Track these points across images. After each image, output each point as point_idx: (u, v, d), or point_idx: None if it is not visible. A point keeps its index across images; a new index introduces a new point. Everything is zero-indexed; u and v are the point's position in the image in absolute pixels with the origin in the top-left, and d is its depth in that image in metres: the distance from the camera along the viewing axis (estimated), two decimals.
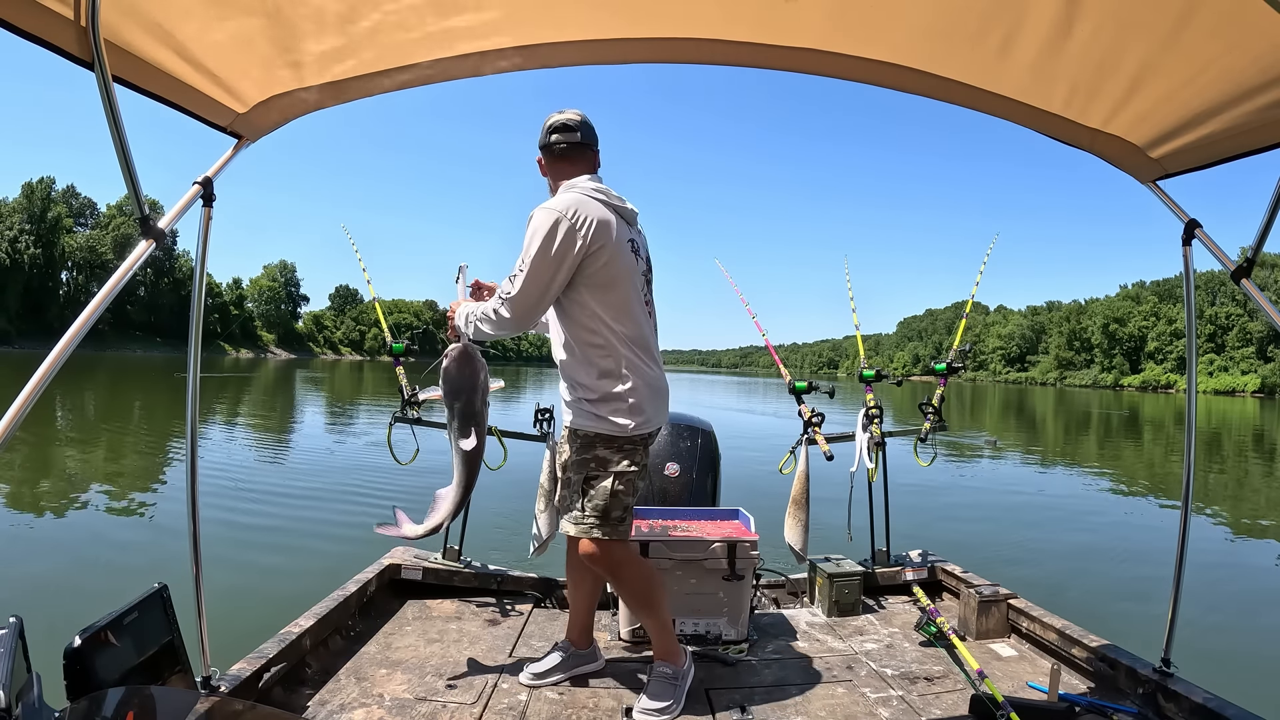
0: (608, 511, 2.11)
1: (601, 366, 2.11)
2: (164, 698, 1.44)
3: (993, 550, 6.41)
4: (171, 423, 13.88)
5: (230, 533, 5.71)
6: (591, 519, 2.11)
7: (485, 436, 2.20)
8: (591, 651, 2.44)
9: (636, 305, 2.15)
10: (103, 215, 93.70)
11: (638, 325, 2.15)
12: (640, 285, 2.18)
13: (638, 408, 2.12)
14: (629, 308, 2.12)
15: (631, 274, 2.14)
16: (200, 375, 1.98)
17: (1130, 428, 25.77)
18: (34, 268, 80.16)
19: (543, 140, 2.24)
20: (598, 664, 2.44)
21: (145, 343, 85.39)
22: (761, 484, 5.58)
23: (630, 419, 2.11)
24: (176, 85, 1.70)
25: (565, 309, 2.13)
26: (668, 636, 2.26)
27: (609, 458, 2.13)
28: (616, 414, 2.11)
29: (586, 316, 2.10)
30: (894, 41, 1.77)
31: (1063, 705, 2.09)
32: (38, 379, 1.30)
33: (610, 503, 2.11)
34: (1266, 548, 7.40)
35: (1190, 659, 2.26)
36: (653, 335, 2.23)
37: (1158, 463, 15.03)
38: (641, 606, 2.29)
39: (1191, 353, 2.26)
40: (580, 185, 2.12)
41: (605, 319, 2.09)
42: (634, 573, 2.24)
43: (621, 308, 2.10)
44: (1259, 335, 78.77)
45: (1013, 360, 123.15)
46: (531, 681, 2.30)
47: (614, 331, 2.10)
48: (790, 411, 3.57)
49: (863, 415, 3.34)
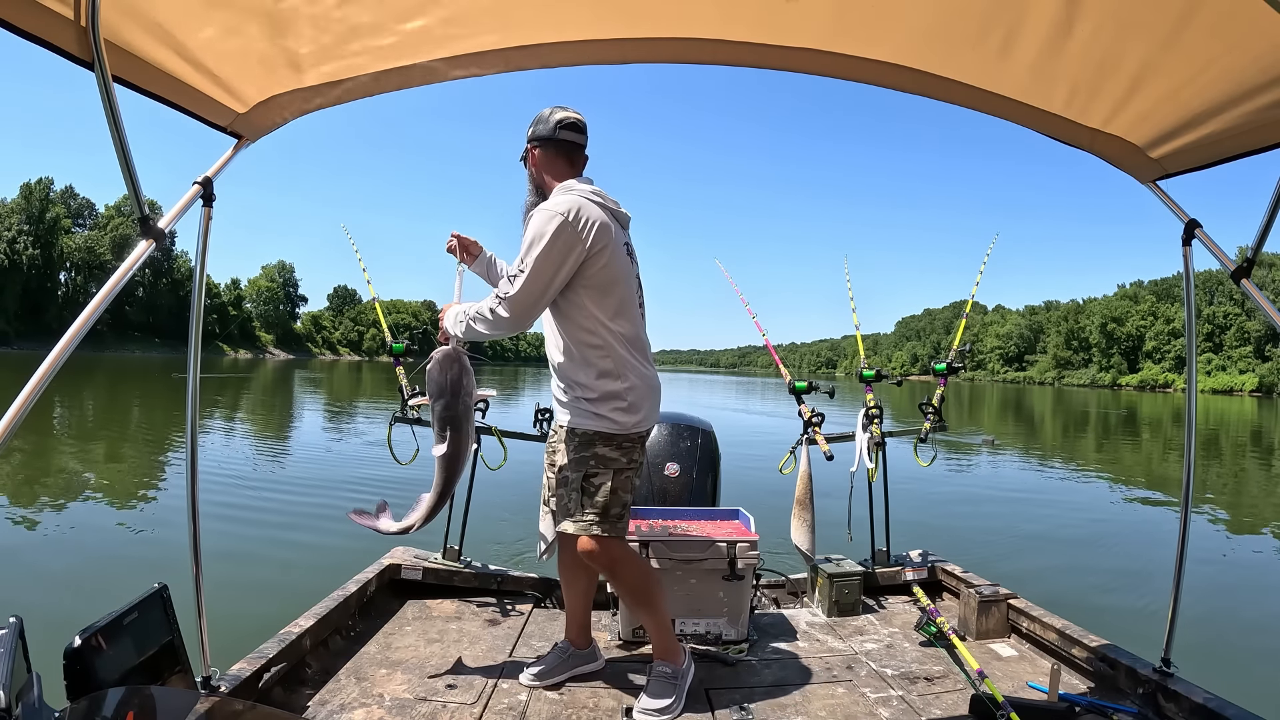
0: (607, 509, 2.12)
1: (600, 366, 2.12)
2: (164, 698, 1.44)
3: (992, 550, 6.41)
4: (170, 423, 13.89)
5: (230, 532, 5.71)
6: (591, 516, 2.12)
7: (469, 440, 2.21)
8: (591, 651, 2.44)
9: (632, 306, 2.17)
10: (101, 216, 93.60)
11: (634, 326, 2.16)
12: (635, 288, 2.21)
13: (636, 406, 2.13)
14: (626, 309, 2.14)
15: (628, 276, 2.15)
16: (200, 376, 1.98)
17: (1129, 427, 25.77)
18: (32, 268, 79.98)
19: (544, 132, 2.19)
20: (597, 664, 2.44)
21: (144, 343, 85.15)
22: (761, 483, 5.58)
23: (630, 416, 2.12)
24: (176, 85, 1.70)
25: (563, 310, 2.14)
26: (667, 635, 2.26)
27: (609, 455, 2.13)
28: (616, 412, 2.12)
29: (584, 318, 2.10)
30: (894, 42, 1.77)
31: (1063, 705, 2.09)
32: (37, 380, 1.30)
33: (610, 500, 2.12)
34: (1263, 543, 7.40)
35: (1190, 659, 2.26)
36: (646, 336, 2.25)
37: (1156, 462, 15.04)
38: (640, 604, 2.29)
39: (1191, 352, 2.26)
40: (578, 188, 2.12)
41: (603, 320, 2.10)
42: (632, 570, 2.24)
43: (619, 309, 2.12)
44: (1257, 334, 79.01)
45: (1011, 360, 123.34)
46: (531, 682, 2.30)
47: (611, 332, 2.10)
48: (787, 411, 3.57)
49: (862, 415, 3.35)
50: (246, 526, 5.99)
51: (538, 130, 2.21)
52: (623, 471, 2.14)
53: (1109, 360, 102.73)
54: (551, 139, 2.20)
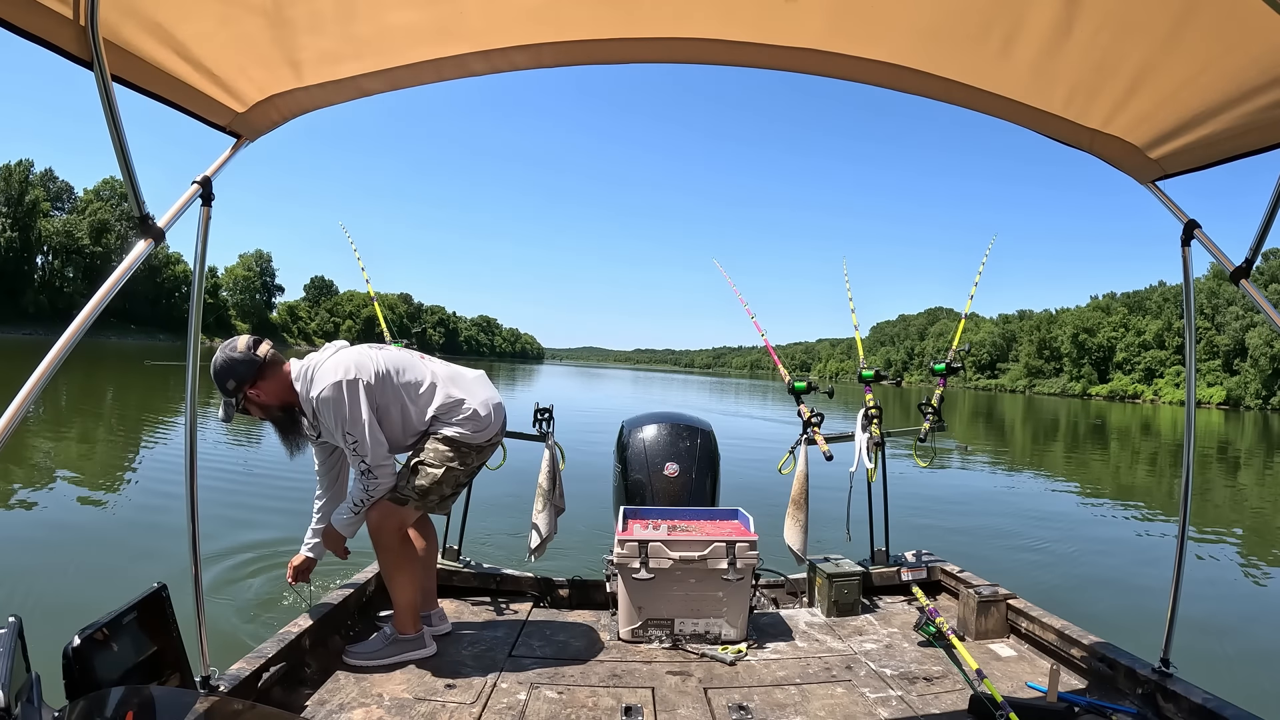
0: (426, 493, 2.42)
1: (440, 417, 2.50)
2: (163, 697, 1.44)
3: (992, 550, 6.41)
4: (148, 410, 13.85)
5: (230, 532, 5.71)
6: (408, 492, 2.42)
7: None
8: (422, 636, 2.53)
9: (427, 379, 2.49)
10: (80, 200, 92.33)
11: (441, 382, 2.51)
12: (418, 363, 2.53)
13: (478, 428, 2.49)
14: (429, 387, 2.48)
15: (407, 368, 2.47)
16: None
17: (1110, 434, 25.88)
18: (10, 251, 78.89)
19: (250, 367, 2.34)
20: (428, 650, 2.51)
21: (120, 329, 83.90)
22: (756, 484, 5.58)
23: (476, 434, 2.49)
24: (176, 84, 1.70)
25: (394, 416, 2.44)
26: (402, 611, 2.47)
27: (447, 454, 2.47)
28: (459, 433, 2.47)
29: (407, 410, 2.46)
30: (894, 42, 1.76)
31: (1062, 705, 2.09)
32: (36, 380, 1.30)
33: (431, 487, 2.43)
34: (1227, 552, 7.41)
35: (1190, 659, 2.26)
36: (456, 372, 2.62)
37: (1144, 468, 15.08)
38: (384, 574, 2.51)
39: (1191, 353, 2.25)
40: (325, 353, 2.45)
41: (422, 406, 2.47)
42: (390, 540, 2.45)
43: (422, 392, 2.47)
44: (1225, 348, 79.68)
45: (983, 367, 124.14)
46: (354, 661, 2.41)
47: (428, 403, 2.47)
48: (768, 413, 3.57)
49: (862, 415, 3.34)
50: (246, 526, 5.99)
51: (243, 373, 2.34)
52: (454, 470, 2.45)
53: (1080, 370, 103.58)
54: (263, 365, 2.36)
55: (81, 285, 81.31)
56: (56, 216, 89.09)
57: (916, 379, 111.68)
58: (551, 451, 3.11)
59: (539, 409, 3.23)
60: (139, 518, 6.24)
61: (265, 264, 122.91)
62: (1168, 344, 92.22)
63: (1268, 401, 72.79)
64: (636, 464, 3.34)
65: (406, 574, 2.48)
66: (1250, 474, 15.40)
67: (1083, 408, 55.09)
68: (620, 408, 20.07)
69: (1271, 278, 74.69)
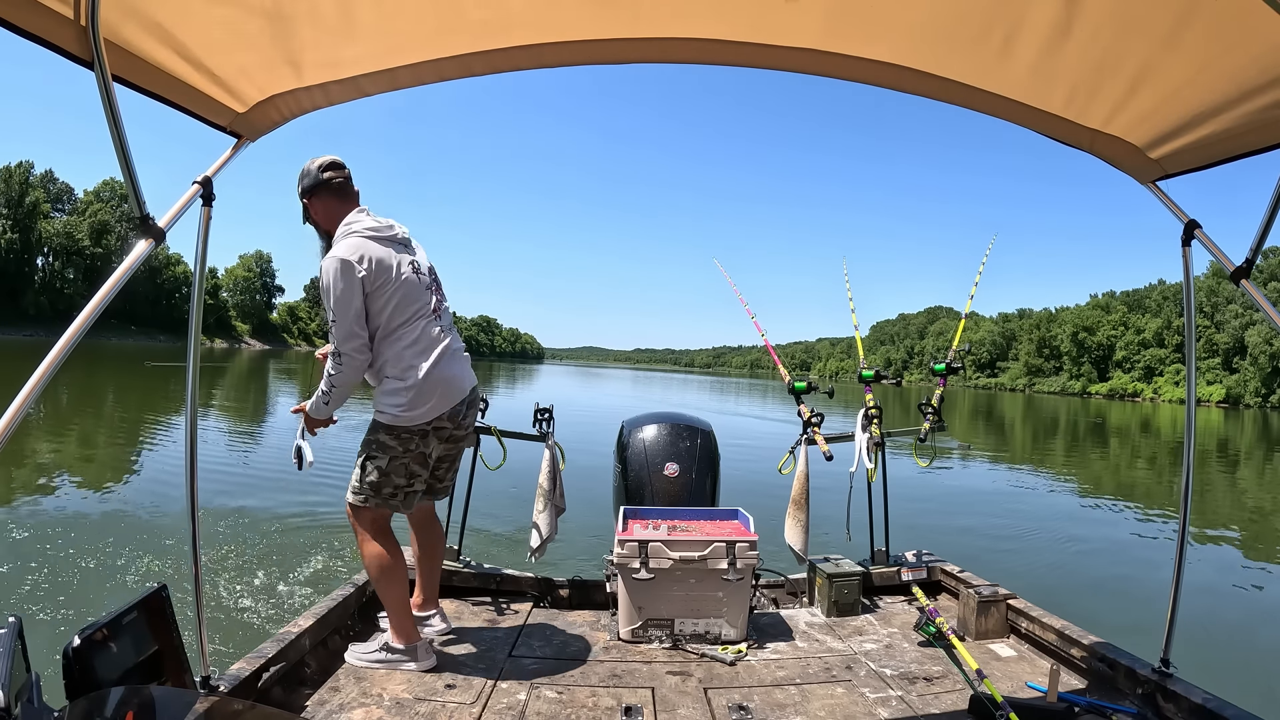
0: (379, 487, 2.37)
1: (386, 372, 2.38)
2: (163, 697, 1.44)
3: (992, 550, 6.41)
4: (150, 410, 13.85)
5: (230, 532, 5.71)
6: (362, 490, 2.38)
7: None
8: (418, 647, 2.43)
9: (416, 316, 2.38)
10: (80, 201, 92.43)
11: (419, 332, 2.38)
12: (424, 297, 2.42)
13: (414, 404, 2.35)
14: (412, 320, 2.37)
15: (410, 291, 2.36)
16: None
17: (1110, 433, 25.85)
18: (10, 253, 79.00)
19: (311, 183, 2.39)
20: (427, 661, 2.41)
21: (120, 330, 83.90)
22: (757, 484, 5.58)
23: (410, 412, 2.35)
24: (176, 85, 1.70)
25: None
26: (397, 619, 2.40)
27: (388, 443, 2.37)
28: (397, 408, 2.35)
29: (375, 330, 2.35)
30: (893, 42, 1.76)
31: (1062, 705, 2.09)
32: (37, 381, 1.30)
33: (380, 480, 2.38)
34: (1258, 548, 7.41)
35: (1190, 659, 2.26)
36: (436, 333, 2.42)
37: (1143, 466, 15.07)
38: (374, 582, 2.45)
39: (1191, 354, 2.25)
40: (357, 227, 2.34)
41: (388, 330, 2.35)
42: (372, 549, 2.40)
43: (404, 321, 2.35)
44: (1225, 346, 79.81)
45: (983, 366, 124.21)
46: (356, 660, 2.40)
47: (396, 340, 2.35)
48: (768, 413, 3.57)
49: (862, 415, 3.34)
50: (246, 526, 5.99)
51: (305, 184, 2.41)
52: (398, 459, 2.37)
53: (1079, 369, 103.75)
54: (319, 185, 2.39)
55: (82, 286, 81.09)
56: (57, 218, 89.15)
57: (916, 378, 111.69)
58: (552, 451, 3.11)
59: (539, 409, 3.23)
60: (139, 518, 6.23)
61: (265, 265, 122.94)
62: (1167, 342, 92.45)
63: (1267, 399, 73.00)
64: (636, 464, 3.34)
65: (391, 579, 2.40)
66: (1250, 472, 15.42)
67: (1082, 406, 55.20)
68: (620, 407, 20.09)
69: (1271, 275, 74.87)
